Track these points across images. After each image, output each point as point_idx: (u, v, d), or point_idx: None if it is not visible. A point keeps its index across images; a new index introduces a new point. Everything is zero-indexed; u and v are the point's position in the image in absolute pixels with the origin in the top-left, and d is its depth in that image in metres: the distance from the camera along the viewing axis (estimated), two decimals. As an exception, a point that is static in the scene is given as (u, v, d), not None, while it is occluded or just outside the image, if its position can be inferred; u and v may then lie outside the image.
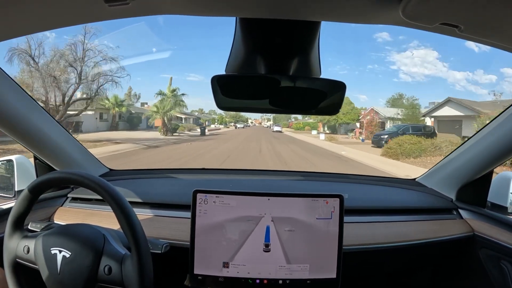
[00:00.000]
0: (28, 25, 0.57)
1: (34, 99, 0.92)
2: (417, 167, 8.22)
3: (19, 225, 0.73)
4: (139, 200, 1.03)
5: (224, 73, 0.78)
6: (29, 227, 0.79)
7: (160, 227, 0.94)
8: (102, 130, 17.64)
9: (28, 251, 0.70)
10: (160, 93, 20.37)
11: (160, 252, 0.74)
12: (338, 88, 0.69)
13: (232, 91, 0.70)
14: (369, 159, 9.60)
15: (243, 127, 38.97)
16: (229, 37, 0.72)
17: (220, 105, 0.70)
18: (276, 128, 30.79)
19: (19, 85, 0.86)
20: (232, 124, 41.04)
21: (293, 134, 26.34)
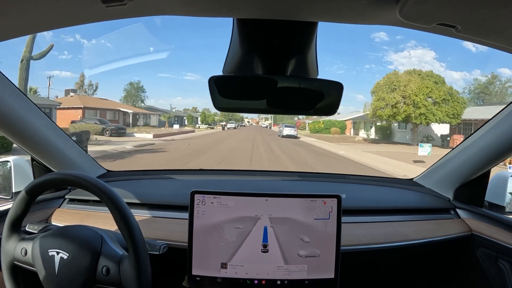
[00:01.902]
0: (25, 26, 0.56)
1: (31, 101, 0.91)
2: None
3: (17, 227, 0.72)
4: (137, 201, 1.03)
5: (221, 73, 0.78)
6: (26, 229, 0.78)
7: (158, 228, 0.94)
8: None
9: (25, 254, 0.69)
10: None
11: (158, 253, 0.74)
12: (335, 88, 0.69)
13: (229, 91, 0.70)
14: None
15: (234, 128, 30.84)
16: (227, 37, 0.71)
17: (217, 106, 0.70)
18: (286, 132, 19.29)
19: (16, 87, 0.85)
20: (223, 123, 31.90)
21: (329, 145, 13.68)
